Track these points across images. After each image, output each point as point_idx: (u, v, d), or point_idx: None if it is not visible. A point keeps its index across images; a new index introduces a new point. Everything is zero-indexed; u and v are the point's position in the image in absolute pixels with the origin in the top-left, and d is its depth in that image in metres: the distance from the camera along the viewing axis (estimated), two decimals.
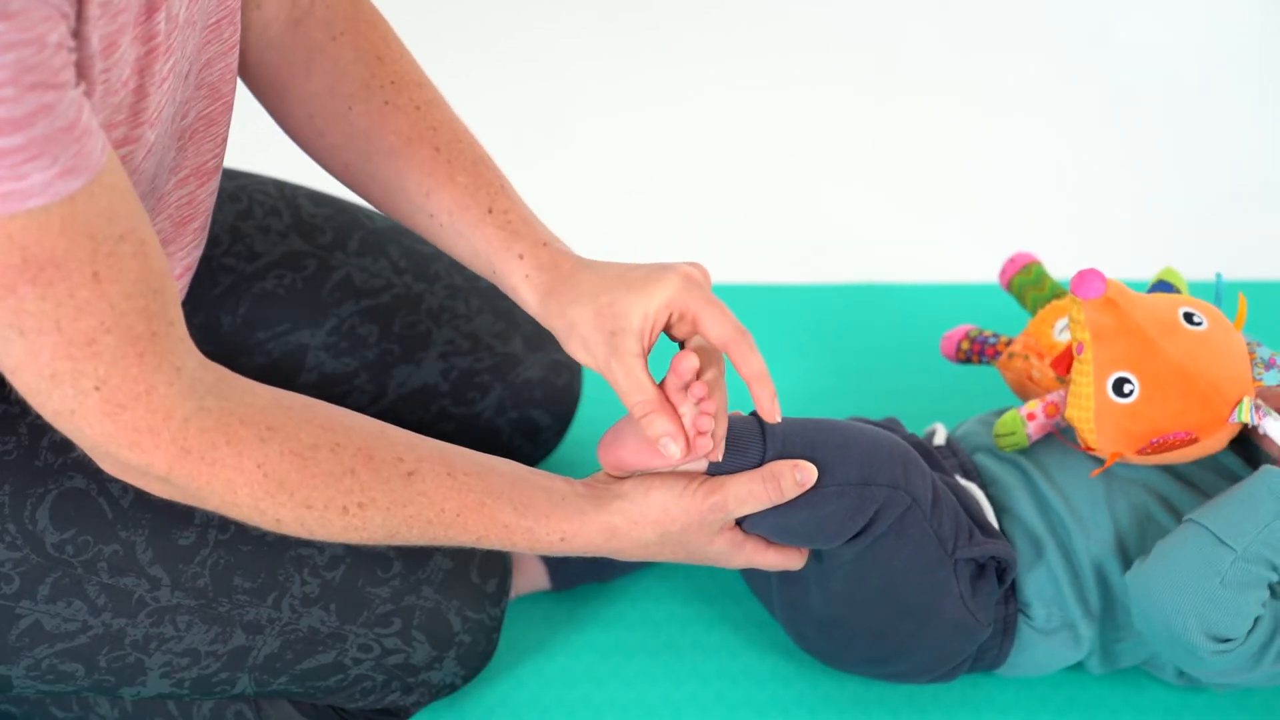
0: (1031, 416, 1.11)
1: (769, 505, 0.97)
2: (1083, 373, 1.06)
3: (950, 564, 1.05)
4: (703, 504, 0.96)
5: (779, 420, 0.95)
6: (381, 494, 0.90)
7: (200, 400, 0.83)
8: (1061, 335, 1.17)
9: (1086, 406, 1.06)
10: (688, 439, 0.94)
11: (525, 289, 0.98)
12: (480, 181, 1.01)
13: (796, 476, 0.97)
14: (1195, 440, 1.05)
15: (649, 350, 0.94)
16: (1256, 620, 1.02)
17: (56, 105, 0.70)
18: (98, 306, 0.76)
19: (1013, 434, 1.11)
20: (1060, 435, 1.11)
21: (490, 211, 0.99)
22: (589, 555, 0.98)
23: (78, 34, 0.73)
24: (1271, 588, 1.04)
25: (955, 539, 1.05)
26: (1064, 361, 1.11)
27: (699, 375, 0.96)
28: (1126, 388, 1.05)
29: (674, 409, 0.94)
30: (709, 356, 0.96)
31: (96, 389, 0.78)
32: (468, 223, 1.00)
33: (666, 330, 0.95)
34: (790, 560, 1.03)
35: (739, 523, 1.00)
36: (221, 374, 0.87)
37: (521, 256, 0.98)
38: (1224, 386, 1.04)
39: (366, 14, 1.04)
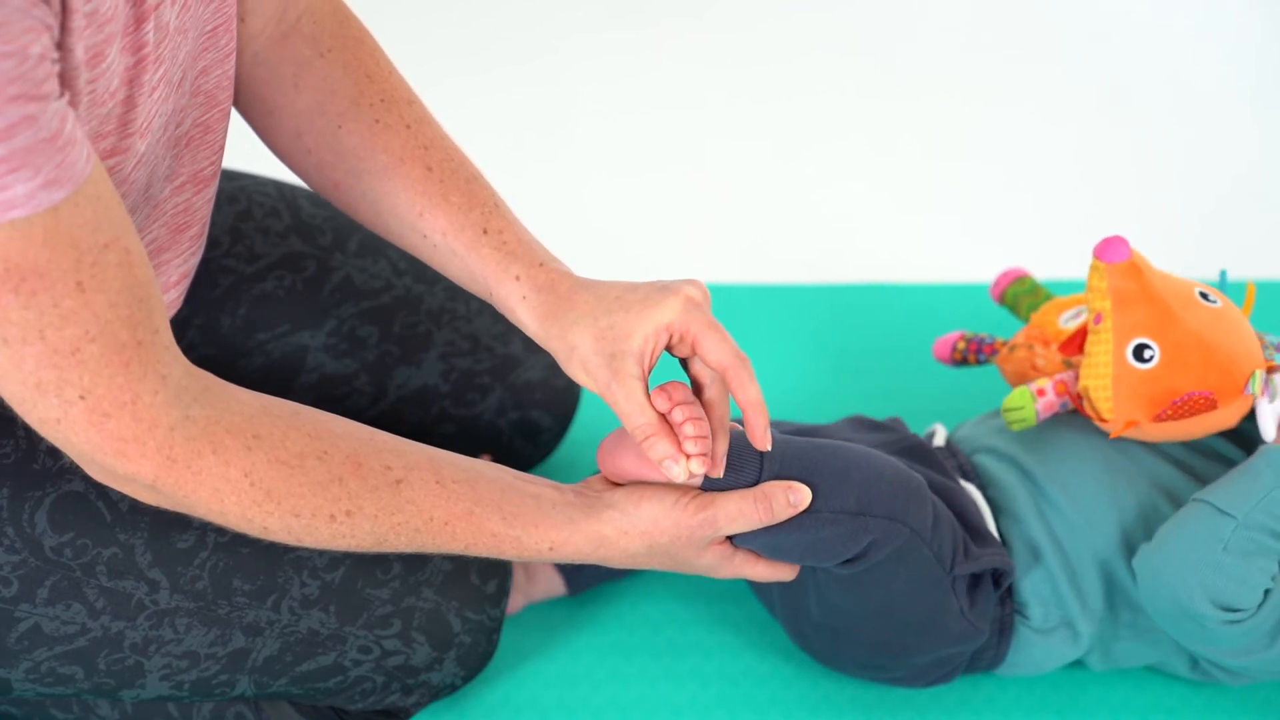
0: (1041, 393, 1.10)
1: (759, 525, 0.97)
2: (1100, 342, 1.07)
3: (949, 581, 1.05)
4: (692, 519, 0.96)
5: (769, 449, 0.95)
6: (369, 502, 0.90)
7: (186, 409, 0.83)
8: (1069, 323, 1.17)
9: (1104, 374, 1.06)
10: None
11: (523, 311, 0.97)
12: (474, 201, 0.99)
13: (789, 498, 0.96)
14: (1214, 403, 1.05)
15: (649, 372, 0.94)
16: (1266, 593, 1.02)
17: (39, 117, 0.70)
18: (82, 316, 0.76)
19: (1021, 408, 1.10)
20: (1080, 406, 1.10)
21: (485, 232, 0.98)
22: (577, 563, 0.98)
23: (61, 45, 0.73)
24: None
25: (954, 556, 1.05)
26: (1073, 344, 1.11)
27: (702, 393, 0.96)
28: (1147, 353, 1.05)
29: (674, 431, 0.93)
30: (713, 372, 0.96)
31: (81, 398, 0.78)
32: (463, 244, 0.98)
33: (667, 350, 0.95)
34: (781, 573, 1.02)
35: (730, 536, 1.00)
36: (209, 382, 0.86)
37: (518, 278, 0.97)
38: (1240, 359, 1.05)
39: (354, 30, 1.03)
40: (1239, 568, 1.00)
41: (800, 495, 0.97)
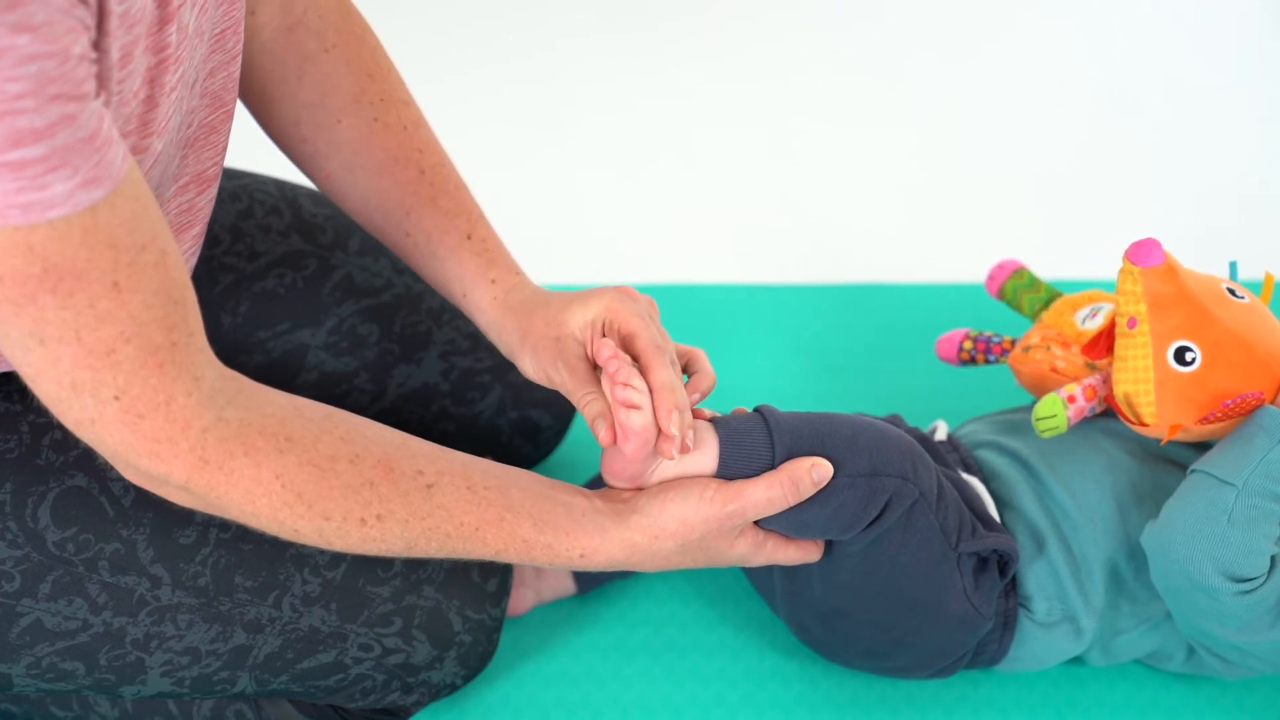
0: (1072, 399, 1.09)
1: (788, 506, 0.97)
2: (1136, 345, 1.05)
3: (954, 558, 1.05)
4: (721, 511, 0.96)
5: (672, 432, 0.95)
6: (400, 506, 0.90)
7: (219, 411, 0.83)
8: (1088, 323, 1.16)
9: (1145, 379, 1.05)
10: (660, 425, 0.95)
11: (492, 308, 1.04)
12: (461, 208, 1.06)
13: (814, 476, 0.97)
14: (1263, 402, 1.04)
15: (594, 361, 0.99)
16: (1274, 560, 1.02)
17: (78, 116, 0.70)
18: (118, 316, 0.76)
19: (1053, 417, 1.08)
20: (1118, 408, 1.09)
21: (469, 238, 1.06)
22: (609, 570, 0.98)
23: (98, 46, 0.73)
24: None
25: (959, 532, 1.05)
26: (1097, 346, 1.09)
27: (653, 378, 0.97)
28: (1189, 356, 1.04)
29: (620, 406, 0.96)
30: (676, 358, 1.00)
31: (116, 399, 0.78)
32: (447, 247, 1.05)
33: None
34: (809, 554, 1.03)
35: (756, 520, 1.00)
36: (242, 384, 0.87)
37: (494, 281, 1.05)
38: (1278, 352, 1.05)
39: (357, 26, 1.06)
40: (1245, 537, 1.00)
41: (823, 471, 0.97)
